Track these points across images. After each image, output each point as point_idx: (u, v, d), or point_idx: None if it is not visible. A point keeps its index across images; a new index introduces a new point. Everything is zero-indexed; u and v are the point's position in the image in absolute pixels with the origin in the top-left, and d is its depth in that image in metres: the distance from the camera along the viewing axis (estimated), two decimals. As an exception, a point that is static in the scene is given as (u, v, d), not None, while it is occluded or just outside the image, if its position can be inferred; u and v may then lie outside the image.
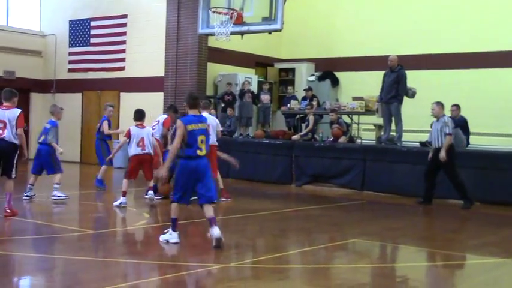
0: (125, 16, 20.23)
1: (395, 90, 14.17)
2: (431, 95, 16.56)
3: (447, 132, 12.10)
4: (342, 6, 20.23)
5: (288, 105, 17.74)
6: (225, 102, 17.97)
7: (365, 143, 15.83)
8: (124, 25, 20.25)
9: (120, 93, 20.29)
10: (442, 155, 12.03)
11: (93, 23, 21.08)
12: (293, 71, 20.77)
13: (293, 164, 15.61)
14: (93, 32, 21.07)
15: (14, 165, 9.57)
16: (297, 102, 17.70)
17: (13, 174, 9.62)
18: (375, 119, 15.94)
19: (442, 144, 12.15)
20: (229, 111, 17.51)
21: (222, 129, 12.54)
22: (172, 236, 8.00)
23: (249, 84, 18.20)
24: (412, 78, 14.56)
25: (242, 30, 15.44)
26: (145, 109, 12.45)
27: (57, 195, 11.64)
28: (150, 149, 11.33)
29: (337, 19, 20.15)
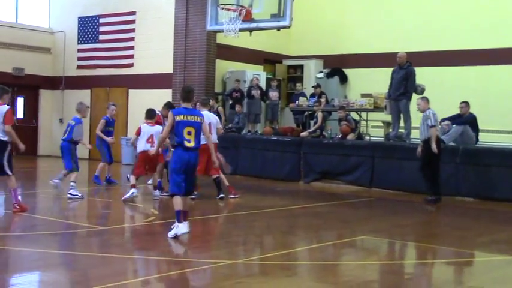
0: (133, 13, 20.27)
1: (404, 87, 14.12)
2: (440, 92, 16.57)
3: (430, 124, 12.22)
4: (350, 2, 20.19)
5: (297, 102, 17.73)
6: (234, 99, 17.96)
7: (373, 140, 15.80)
8: (133, 22, 20.30)
9: (128, 90, 20.35)
10: (433, 147, 12.12)
11: (102, 20, 21.13)
12: (301, 67, 20.74)
13: (301, 161, 15.60)
14: (102, 29, 21.13)
15: (4, 162, 9.61)
16: (305, 99, 17.68)
17: (8, 171, 9.67)
18: (383, 116, 15.90)
19: (425, 137, 12.29)
20: (237, 108, 17.51)
21: (221, 126, 12.51)
22: (180, 228, 8.04)
23: (257, 81, 18.19)
24: (421, 75, 14.50)
25: (251, 27, 15.42)
26: (153, 106, 12.55)
27: (72, 194, 11.63)
28: (145, 146, 11.48)
29: (345, 16, 20.11)
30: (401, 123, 14.54)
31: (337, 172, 15.01)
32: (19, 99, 22.27)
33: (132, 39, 20.32)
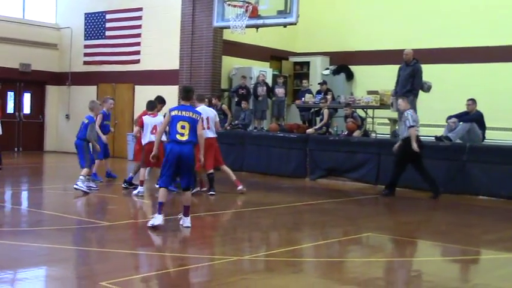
0: (140, 9, 20.28)
1: (410, 84, 14.08)
2: (446, 89, 16.57)
3: (407, 125, 12.44)
4: (357, -1, 20.17)
5: (303, 98, 17.72)
6: (240, 95, 17.96)
7: (380, 137, 15.78)
8: (139, 18, 20.32)
9: (134, 86, 20.37)
10: (414, 147, 12.31)
11: (108, 16, 21.16)
12: (308, 64, 20.72)
13: (307, 158, 15.59)
14: (108, 25, 21.15)
15: None
16: (311, 95, 17.67)
17: None
18: (389, 113, 15.87)
19: (406, 136, 12.52)
20: (243, 105, 17.50)
21: (217, 120, 12.50)
22: (157, 219, 8.34)
23: (263, 77, 18.17)
24: (427, 72, 14.46)
25: (257, 23, 15.43)
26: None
27: (79, 186, 11.69)
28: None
29: (352, 12, 20.07)
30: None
31: (343, 169, 15.00)
32: (26, 95, 22.35)
33: (138, 36, 20.34)
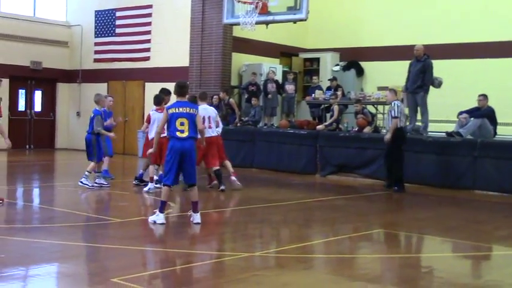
0: (150, 6, 20.31)
1: (421, 80, 14.02)
2: (458, 84, 16.48)
3: (393, 115, 12.60)
4: (367, -5, 20.09)
5: (313, 95, 17.68)
6: (250, 92, 17.94)
7: (390, 133, 15.71)
8: (149, 15, 20.35)
9: (145, 83, 20.41)
10: (387, 137, 12.61)
11: (118, 14, 21.20)
12: (318, 60, 20.66)
13: (318, 154, 15.58)
14: (118, 23, 21.20)
15: None
16: (321, 92, 17.63)
17: None
18: (400, 109, 15.81)
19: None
20: (253, 101, 17.49)
21: (219, 119, 12.53)
22: (159, 217, 8.42)
23: (273, 74, 18.15)
24: (438, 67, 14.38)
25: (267, 19, 15.41)
26: (170, 99, 12.56)
27: (83, 182, 11.81)
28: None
29: (362, 8, 19.99)
30: (419, 117, 14.46)
31: (354, 165, 14.97)
32: (37, 93, 22.45)
33: (148, 33, 20.37)
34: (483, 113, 13.83)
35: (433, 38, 17.30)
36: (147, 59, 20.41)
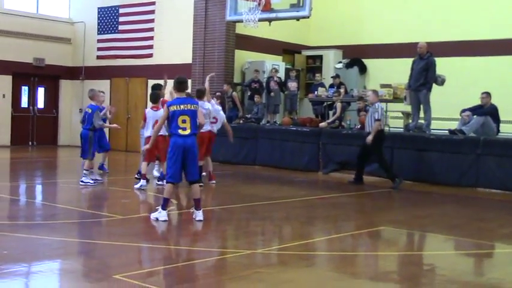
0: (153, 3, 20.31)
1: (424, 78, 14.00)
2: (460, 82, 16.45)
3: (376, 118, 12.78)
4: (370, -8, 20.06)
5: (316, 92, 17.67)
6: (252, 89, 17.94)
7: (393, 131, 15.69)
8: (152, 12, 20.34)
9: (147, 80, 20.41)
10: (369, 138, 12.80)
11: (121, 10, 21.20)
12: (320, 58, 20.64)
13: (320, 152, 15.57)
14: (121, 19, 21.19)
15: None
16: (324, 89, 17.61)
17: None
18: (403, 107, 15.79)
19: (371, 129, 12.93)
20: (256, 99, 17.49)
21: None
22: (161, 214, 8.43)
23: (276, 71, 18.14)
24: (441, 65, 14.36)
25: (270, 17, 15.40)
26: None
27: (84, 181, 11.81)
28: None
29: (365, 5, 19.96)
30: (421, 114, 14.45)
31: (356, 163, 14.92)
32: (40, 90, 22.46)
33: (151, 30, 20.36)
34: (486, 110, 13.81)
35: (437, 36, 17.27)
36: (150, 56, 20.41)
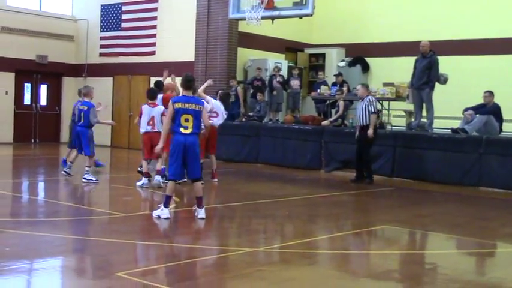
0: (155, 1, 20.30)
1: (427, 77, 13.99)
2: (464, 81, 16.42)
3: (372, 111, 12.85)
4: (373, -10, 20.04)
5: (318, 90, 17.65)
6: (255, 87, 17.93)
7: (395, 129, 15.69)
8: (155, 10, 20.34)
9: (150, 78, 20.39)
10: (370, 132, 12.85)
11: (124, 8, 21.20)
12: (323, 56, 20.63)
13: (322, 150, 15.56)
14: (124, 17, 21.20)
15: None
16: (327, 87, 17.60)
17: None
18: (405, 105, 15.79)
19: (367, 122, 12.92)
20: (258, 97, 17.48)
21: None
22: (164, 212, 8.45)
23: (278, 70, 18.13)
24: (444, 64, 14.35)
25: (273, 15, 15.39)
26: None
27: (87, 178, 11.84)
28: (159, 127, 11.48)
29: (368, 4, 19.95)
30: (424, 113, 14.44)
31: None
32: (42, 87, 22.48)
33: (154, 27, 20.36)
34: (489, 109, 13.79)
35: (439, 34, 17.24)
36: (153, 53, 20.41)
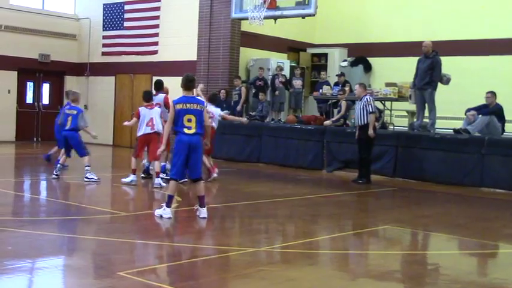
0: (158, 0, 20.30)
1: (429, 77, 13.98)
2: (466, 81, 16.42)
3: (370, 110, 12.89)
4: (376, -10, 20.03)
5: (320, 90, 17.65)
6: (257, 87, 17.94)
7: (397, 130, 15.70)
8: (157, 9, 20.34)
9: (152, 77, 20.38)
10: (371, 132, 12.90)
11: (127, 7, 21.21)
12: (326, 56, 20.63)
13: (324, 150, 15.57)
14: (127, 16, 21.20)
15: None
16: (329, 87, 17.59)
17: None
18: (407, 106, 15.79)
19: (365, 122, 12.99)
20: (261, 96, 17.49)
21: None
22: (166, 212, 8.47)
23: (281, 69, 18.13)
24: (446, 64, 14.34)
25: (275, 14, 15.39)
26: (177, 93, 12.52)
27: (89, 177, 11.86)
28: (158, 127, 11.65)
29: (370, 4, 19.94)
30: (426, 113, 14.43)
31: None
32: (45, 85, 22.50)
33: (156, 26, 20.37)
34: (491, 110, 13.78)
35: (442, 34, 17.25)
36: (155, 52, 20.42)
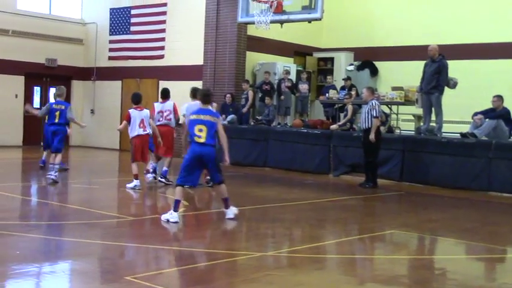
0: (164, 4, 20.36)
1: (436, 81, 13.95)
2: (473, 85, 16.37)
3: (374, 115, 12.89)
4: (382, -6, 20.02)
5: (327, 94, 17.64)
6: (263, 91, 17.95)
7: (404, 134, 15.67)
8: (164, 13, 20.40)
9: (159, 82, 20.46)
10: (372, 136, 12.85)
11: (133, 11, 21.27)
12: (332, 60, 20.62)
13: (331, 154, 15.55)
14: (133, 20, 21.26)
15: None
16: (335, 91, 17.59)
17: None
18: (414, 110, 15.76)
19: (369, 125, 12.97)
20: (267, 100, 17.50)
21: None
22: (173, 216, 8.55)
23: (287, 73, 18.13)
24: (453, 68, 14.30)
25: (282, 19, 15.40)
26: (183, 97, 12.58)
27: (52, 175, 11.95)
28: (149, 129, 11.88)
29: (377, 8, 19.93)
30: (433, 117, 14.40)
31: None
32: (52, 90, 22.51)
33: (163, 31, 20.42)
34: (498, 114, 13.74)
35: (448, 38, 17.20)
36: (162, 57, 20.46)
